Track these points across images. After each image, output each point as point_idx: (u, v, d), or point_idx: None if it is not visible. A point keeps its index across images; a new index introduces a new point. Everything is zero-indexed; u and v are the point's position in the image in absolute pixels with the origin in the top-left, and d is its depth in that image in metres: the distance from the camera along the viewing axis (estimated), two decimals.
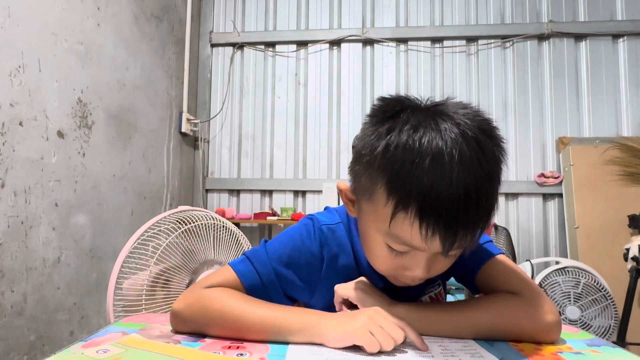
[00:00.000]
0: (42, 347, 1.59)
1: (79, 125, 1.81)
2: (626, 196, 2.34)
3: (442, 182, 0.47)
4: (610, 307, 1.94)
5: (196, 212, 1.39)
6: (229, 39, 3.00)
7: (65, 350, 0.50)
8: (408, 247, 0.53)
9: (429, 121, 0.49)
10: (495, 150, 0.51)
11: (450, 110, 0.51)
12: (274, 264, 0.67)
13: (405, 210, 0.49)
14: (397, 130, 0.50)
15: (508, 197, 2.72)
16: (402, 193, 0.49)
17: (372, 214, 0.55)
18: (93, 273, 1.88)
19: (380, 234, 0.55)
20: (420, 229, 0.49)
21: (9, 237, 1.46)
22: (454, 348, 0.54)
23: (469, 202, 0.48)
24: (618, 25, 2.70)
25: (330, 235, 0.69)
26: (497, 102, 2.78)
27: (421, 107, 0.53)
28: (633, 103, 2.65)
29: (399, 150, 0.49)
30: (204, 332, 0.59)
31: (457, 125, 0.49)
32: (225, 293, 0.62)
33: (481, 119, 0.52)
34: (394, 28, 2.89)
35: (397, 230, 0.51)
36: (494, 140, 0.52)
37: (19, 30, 1.51)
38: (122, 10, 2.12)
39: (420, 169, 0.47)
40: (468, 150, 0.48)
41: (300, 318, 0.56)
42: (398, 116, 0.52)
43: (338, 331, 0.53)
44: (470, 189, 0.48)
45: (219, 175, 2.97)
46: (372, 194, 0.53)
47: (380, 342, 0.50)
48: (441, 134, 0.48)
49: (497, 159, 0.52)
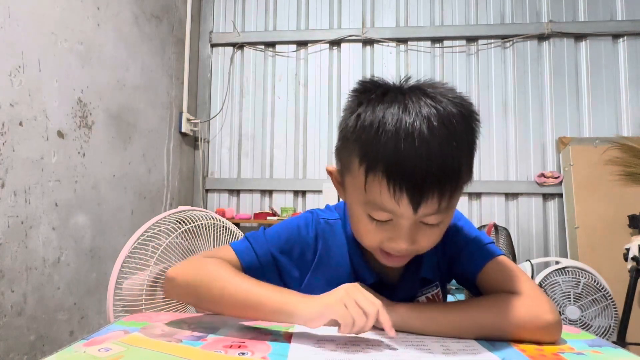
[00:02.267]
0: (42, 347, 1.59)
1: (79, 125, 1.81)
2: (626, 196, 2.34)
3: (405, 144, 0.51)
4: (610, 307, 1.94)
5: (196, 212, 1.38)
6: (229, 39, 3.00)
7: (67, 349, 0.50)
8: (383, 211, 0.55)
9: (397, 96, 0.54)
10: (464, 119, 0.54)
11: (423, 87, 0.56)
12: (271, 248, 0.69)
13: (374, 173, 0.53)
14: (366, 106, 0.55)
15: (508, 197, 2.72)
16: (371, 158, 0.53)
17: (352, 187, 0.59)
18: (93, 273, 1.88)
19: (361, 205, 0.58)
20: (389, 188, 0.52)
21: (9, 237, 1.45)
22: (456, 348, 0.54)
23: (432, 161, 0.51)
24: (618, 25, 2.70)
25: (328, 229, 0.72)
26: (497, 102, 2.78)
27: (392, 86, 0.58)
28: (633, 103, 2.65)
29: (367, 121, 0.54)
30: (191, 300, 0.61)
31: (427, 97, 0.53)
32: (219, 263, 0.64)
33: (453, 94, 0.55)
34: (394, 28, 2.89)
35: (371, 195, 0.55)
36: (464, 110, 0.54)
37: (19, 30, 1.50)
38: (122, 10, 2.12)
39: (385, 135, 0.52)
40: (435, 120, 0.51)
41: (281, 297, 0.57)
42: (370, 94, 0.56)
43: (315, 306, 0.54)
44: (434, 149, 0.51)
45: (219, 175, 2.97)
46: (350, 166, 0.58)
47: (353, 315, 0.51)
48: (406, 105, 0.52)
49: (467, 128, 0.55)
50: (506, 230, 2.31)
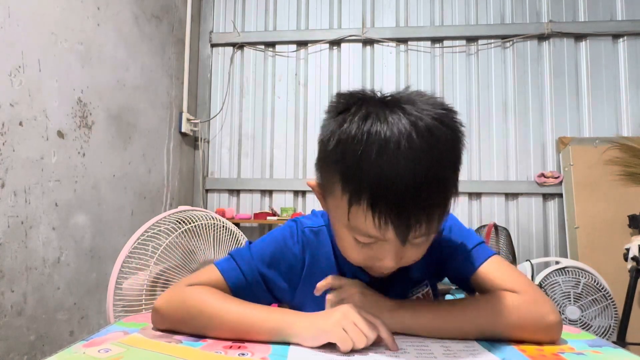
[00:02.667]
0: (42, 347, 1.59)
1: (79, 125, 1.81)
2: (626, 196, 2.34)
3: (389, 172, 0.48)
4: (610, 307, 1.94)
5: (196, 212, 1.38)
6: (229, 39, 3.00)
7: (67, 350, 0.50)
8: (369, 238, 0.54)
9: (377, 112, 0.50)
10: (448, 135, 0.51)
11: (403, 101, 0.51)
12: (258, 264, 0.67)
13: (358, 203, 0.50)
14: (346, 124, 0.51)
15: (508, 197, 2.72)
16: (354, 186, 0.50)
17: (335, 209, 0.57)
18: (93, 273, 1.88)
19: (344, 227, 0.56)
20: (374, 219, 0.50)
21: (9, 237, 1.45)
22: (456, 349, 0.54)
23: (419, 190, 0.48)
24: (618, 25, 2.70)
25: (313, 238, 0.70)
26: (497, 102, 2.78)
27: (373, 100, 0.54)
28: (633, 103, 2.65)
29: (347, 143, 0.50)
30: (181, 329, 0.59)
31: (407, 115, 0.49)
32: (205, 290, 0.62)
33: (436, 106, 0.51)
34: (394, 28, 2.89)
35: (355, 222, 0.52)
36: (448, 126, 0.51)
37: (19, 30, 1.50)
38: (122, 10, 2.11)
39: (368, 161, 0.48)
40: (417, 138, 0.48)
41: (274, 317, 0.56)
42: (349, 110, 0.52)
43: (312, 330, 0.53)
44: (419, 177, 0.48)
45: (219, 175, 2.97)
46: (333, 190, 0.55)
47: (353, 339, 0.50)
48: (388, 124, 0.49)
49: (452, 145, 0.52)
50: (506, 230, 2.31)
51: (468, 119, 2.78)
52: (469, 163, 2.76)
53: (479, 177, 2.74)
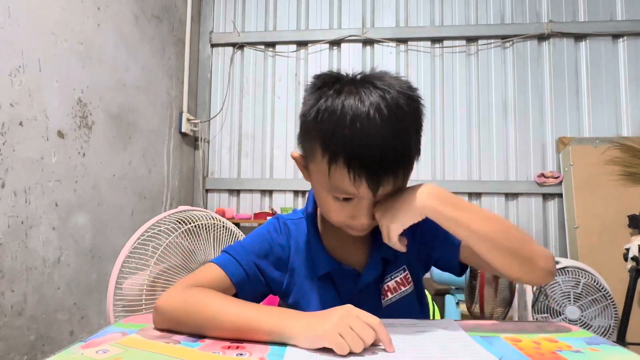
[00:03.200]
0: (42, 347, 1.59)
1: (79, 125, 1.81)
2: (626, 196, 2.34)
3: (362, 137, 0.57)
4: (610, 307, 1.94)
5: (196, 212, 1.39)
6: (229, 39, 3.00)
7: (65, 351, 0.51)
8: (346, 194, 0.62)
9: (351, 88, 0.60)
10: (411, 106, 0.61)
11: (372, 77, 0.62)
12: (251, 256, 0.73)
13: (336, 163, 0.59)
14: (324, 98, 0.60)
15: (508, 197, 2.72)
16: (332, 149, 0.59)
17: (317, 173, 0.65)
18: (93, 273, 1.88)
19: (325, 189, 0.64)
20: (349, 176, 0.59)
21: (9, 237, 1.46)
22: (454, 348, 0.54)
23: (386, 151, 0.58)
24: (618, 25, 2.70)
25: (294, 228, 0.78)
26: (497, 102, 2.78)
27: (347, 78, 0.64)
28: (633, 103, 2.65)
29: (326, 113, 0.59)
30: (181, 329, 0.60)
31: (376, 89, 0.59)
32: (205, 291, 0.64)
33: (400, 82, 0.62)
34: (394, 28, 2.89)
35: (334, 181, 0.61)
36: (410, 98, 0.61)
37: (19, 30, 1.51)
38: (122, 11, 2.12)
39: (343, 127, 0.58)
40: (385, 109, 0.58)
41: (272, 318, 0.57)
42: (326, 86, 0.62)
43: (308, 333, 0.53)
44: (387, 140, 0.57)
45: (219, 175, 2.97)
46: (314, 155, 0.64)
47: (350, 344, 0.50)
48: (360, 97, 0.58)
49: (414, 114, 0.62)
50: None
51: (468, 119, 2.79)
52: (469, 163, 2.76)
53: (479, 177, 2.74)
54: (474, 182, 2.73)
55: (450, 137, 2.79)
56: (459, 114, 2.79)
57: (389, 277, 0.75)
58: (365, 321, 0.52)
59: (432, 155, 2.78)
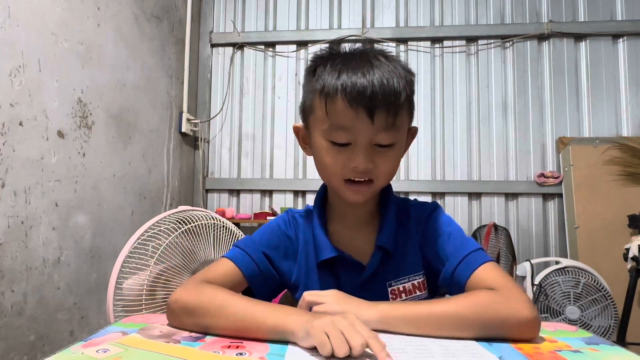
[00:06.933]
0: (42, 347, 1.59)
1: (79, 125, 1.81)
2: (626, 196, 2.34)
3: (355, 74, 0.64)
4: (610, 307, 1.94)
5: (196, 212, 1.39)
6: (229, 39, 3.00)
7: (65, 350, 0.51)
8: (344, 130, 0.65)
9: (347, 55, 0.69)
10: (403, 68, 0.68)
11: (372, 51, 0.70)
12: (262, 248, 0.76)
13: (333, 93, 0.64)
14: (324, 64, 0.69)
15: (508, 197, 2.72)
16: (330, 87, 0.65)
17: (315, 123, 0.69)
18: (93, 273, 1.88)
19: (323, 135, 0.67)
20: (348, 102, 0.63)
21: (9, 237, 1.46)
22: (454, 348, 0.54)
23: (379, 86, 0.63)
24: (618, 25, 2.70)
25: (302, 221, 0.81)
26: (497, 102, 2.78)
27: (343, 51, 0.71)
28: (633, 103, 2.65)
29: (325, 70, 0.67)
30: (192, 325, 0.61)
31: (373, 53, 0.69)
32: (214, 288, 0.66)
33: (395, 58, 0.70)
34: (394, 28, 2.89)
35: (332, 116, 0.65)
36: (402, 64, 0.70)
37: (19, 30, 1.51)
38: (122, 10, 2.12)
39: (340, 72, 0.65)
40: (377, 62, 0.66)
41: (277, 313, 0.57)
42: (327, 58, 0.70)
43: (303, 330, 0.53)
44: (380, 77, 0.64)
45: (219, 175, 2.97)
46: (312, 105, 0.69)
47: (334, 345, 0.48)
48: (356, 57, 0.67)
49: (406, 72, 0.68)
50: (506, 230, 2.31)
51: (468, 119, 2.79)
52: (469, 163, 2.76)
53: (478, 177, 2.74)
54: (474, 182, 2.73)
55: (450, 137, 2.79)
56: (459, 114, 2.79)
57: (406, 278, 0.74)
58: (359, 330, 0.50)
59: (432, 155, 2.78)
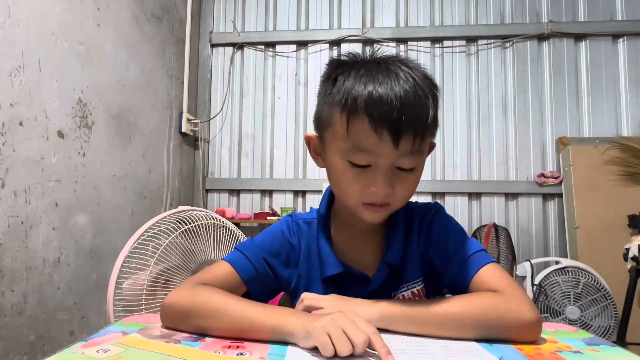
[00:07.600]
0: (42, 347, 1.59)
1: (79, 125, 1.81)
2: (626, 196, 2.34)
3: (381, 91, 0.58)
4: (610, 307, 1.94)
5: (196, 212, 1.39)
6: (229, 39, 3.00)
7: (66, 350, 0.51)
8: (365, 152, 0.60)
9: (369, 64, 0.62)
10: (428, 79, 0.63)
11: (392, 58, 0.64)
12: (262, 253, 0.74)
13: (355, 115, 0.59)
14: (345, 73, 0.62)
15: (508, 197, 2.72)
16: (353, 102, 0.59)
17: (333, 140, 0.64)
18: (93, 273, 1.88)
19: (342, 155, 0.63)
20: (371, 125, 0.58)
21: (9, 237, 1.46)
22: (455, 348, 0.54)
23: (406, 105, 0.58)
24: (618, 25, 2.70)
25: (306, 228, 0.78)
26: (497, 102, 2.78)
27: (364, 59, 0.65)
28: (633, 103, 2.65)
29: (347, 82, 0.61)
30: (187, 327, 0.60)
31: (395, 62, 0.62)
32: (210, 289, 0.65)
33: (418, 66, 0.64)
34: (394, 28, 2.89)
35: (354, 136, 0.60)
36: (427, 75, 0.64)
37: (19, 30, 1.51)
38: (122, 11, 2.12)
39: (363, 87, 0.59)
40: (403, 74, 0.60)
41: (276, 315, 0.57)
42: (346, 66, 0.64)
43: (303, 331, 0.53)
44: (407, 96, 0.58)
45: (219, 175, 2.97)
46: (331, 119, 0.63)
47: (336, 345, 0.48)
48: (379, 67, 0.61)
49: (431, 86, 0.62)
50: (506, 230, 2.31)
51: (468, 119, 2.79)
52: (469, 163, 2.76)
53: (478, 177, 2.74)
54: (474, 182, 2.73)
55: (450, 137, 2.79)
56: (459, 114, 2.79)
57: (405, 287, 0.73)
58: (360, 327, 0.50)
59: (432, 155, 2.78)
